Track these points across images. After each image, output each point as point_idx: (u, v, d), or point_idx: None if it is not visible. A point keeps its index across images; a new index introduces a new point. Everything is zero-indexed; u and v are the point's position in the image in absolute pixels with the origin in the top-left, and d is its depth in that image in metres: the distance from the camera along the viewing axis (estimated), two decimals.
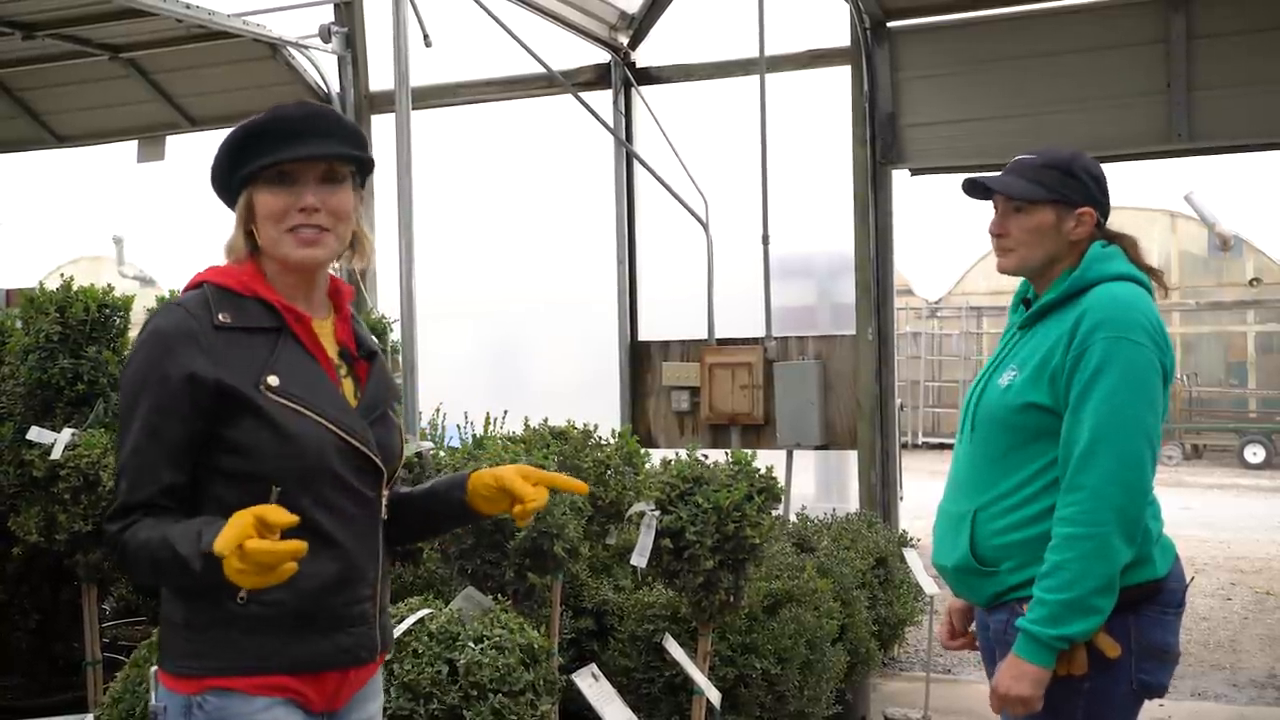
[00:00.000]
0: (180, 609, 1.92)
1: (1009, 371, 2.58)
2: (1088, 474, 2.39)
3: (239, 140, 1.99)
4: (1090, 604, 2.38)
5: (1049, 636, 2.39)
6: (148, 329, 1.94)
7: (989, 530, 2.54)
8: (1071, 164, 2.61)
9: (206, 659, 1.89)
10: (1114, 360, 2.41)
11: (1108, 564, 2.38)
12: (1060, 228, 2.59)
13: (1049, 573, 2.41)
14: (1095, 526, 2.37)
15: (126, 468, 1.90)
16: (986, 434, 2.59)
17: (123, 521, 1.87)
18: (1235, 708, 5.94)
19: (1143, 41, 6.34)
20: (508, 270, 8.21)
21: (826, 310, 7.47)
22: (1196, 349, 21.29)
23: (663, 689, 4.19)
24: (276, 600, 1.87)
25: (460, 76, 8.02)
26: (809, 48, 7.23)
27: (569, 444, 4.09)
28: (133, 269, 25.57)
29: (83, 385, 4.32)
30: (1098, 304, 2.47)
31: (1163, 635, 2.51)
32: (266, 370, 1.93)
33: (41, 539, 4.11)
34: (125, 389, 1.94)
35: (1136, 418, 2.41)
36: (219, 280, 1.99)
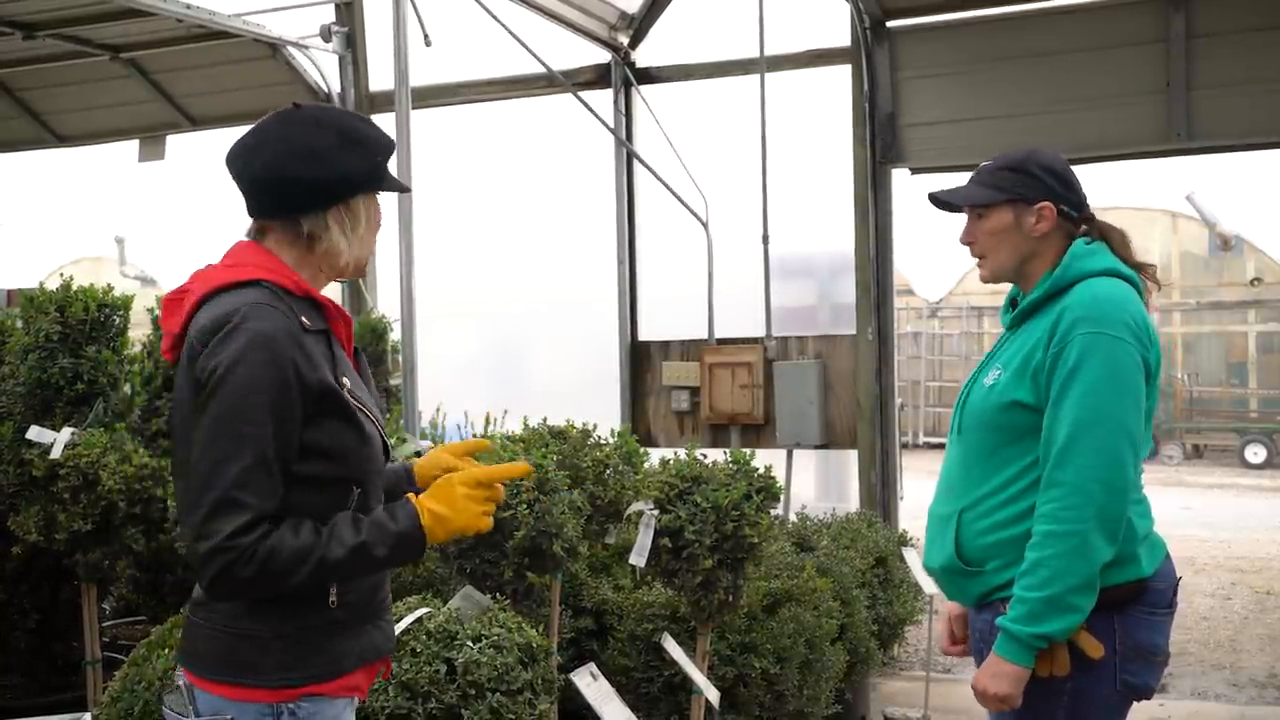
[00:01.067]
0: (268, 623, 1.90)
1: (994, 371, 2.58)
2: (1067, 470, 2.37)
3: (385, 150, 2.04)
4: (1069, 602, 2.36)
5: (1027, 635, 2.37)
6: (250, 331, 1.86)
7: (974, 530, 2.53)
8: (1025, 162, 2.61)
9: (304, 667, 1.92)
10: (1093, 355, 2.39)
11: (1087, 562, 2.35)
12: (1020, 226, 2.58)
13: (1028, 570, 2.39)
14: (1075, 524, 2.35)
15: (251, 479, 1.82)
16: (973, 434, 2.59)
17: (258, 532, 1.81)
18: (1235, 707, 5.94)
19: (1142, 41, 6.34)
20: (508, 270, 8.22)
21: (826, 310, 7.47)
22: (1197, 349, 21.28)
23: (662, 688, 4.19)
24: (352, 600, 1.96)
25: (460, 76, 8.02)
26: (809, 47, 7.23)
27: (568, 443, 4.10)
28: (134, 269, 25.58)
29: (82, 385, 4.33)
30: (1077, 300, 2.46)
31: (1149, 636, 2.48)
32: (339, 372, 1.95)
33: (41, 538, 4.12)
34: (237, 395, 1.84)
35: (1116, 413, 2.38)
36: (278, 280, 1.95)
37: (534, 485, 3.47)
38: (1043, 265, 2.59)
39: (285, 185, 1.96)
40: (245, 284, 1.93)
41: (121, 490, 4.04)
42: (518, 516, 3.39)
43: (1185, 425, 19.72)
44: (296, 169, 1.94)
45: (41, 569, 4.73)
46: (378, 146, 2.03)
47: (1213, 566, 9.93)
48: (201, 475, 1.83)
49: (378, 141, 2.03)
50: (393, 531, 1.88)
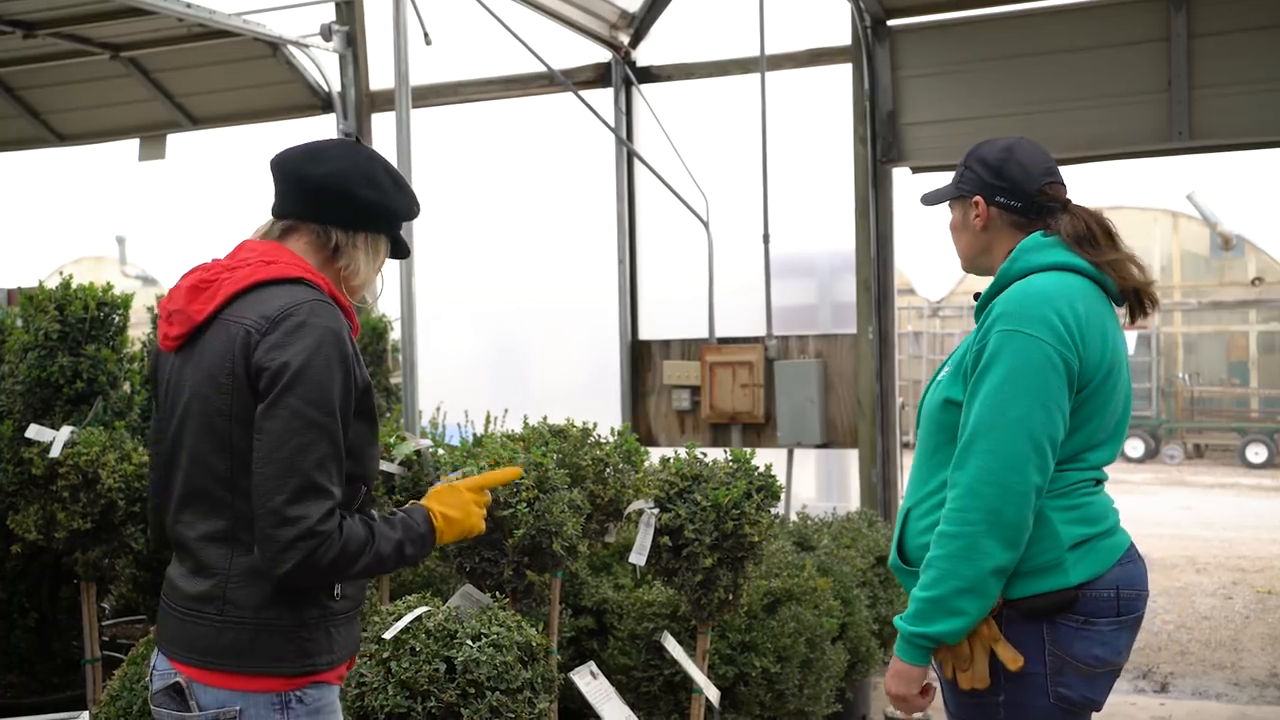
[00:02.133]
0: (290, 614, 1.97)
1: (945, 369, 2.56)
2: (963, 471, 2.31)
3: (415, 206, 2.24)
4: (954, 605, 2.29)
5: (911, 634, 2.34)
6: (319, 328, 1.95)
7: (915, 530, 2.50)
8: (969, 156, 2.62)
9: (316, 655, 2.01)
10: (1003, 354, 2.32)
11: (974, 566, 2.27)
12: (965, 221, 2.61)
13: (924, 568, 2.36)
14: (965, 525, 2.28)
15: (328, 467, 1.91)
16: (922, 434, 2.56)
17: (336, 519, 1.92)
18: (1236, 707, 5.93)
19: (1144, 40, 6.33)
20: (508, 269, 8.21)
21: (827, 309, 7.46)
22: (1198, 348, 21.30)
23: (662, 687, 4.18)
24: (351, 595, 2.09)
25: (461, 75, 8.02)
26: (809, 46, 7.22)
27: (568, 442, 4.09)
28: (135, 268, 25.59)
29: (82, 383, 4.32)
30: (1005, 296, 2.41)
31: (1085, 647, 2.35)
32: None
33: (40, 537, 4.11)
34: (315, 387, 1.91)
35: (1020, 415, 2.28)
36: (315, 281, 2.06)
37: (534, 484, 3.47)
38: (999, 258, 2.56)
39: (341, 197, 2.09)
40: (290, 281, 2.01)
41: (121, 489, 4.04)
42: (517, 515, 3.39)
43: (1186, 425, 19.73)
44: (355, 187, 2.09)
45: (41, 567, 4.73)
46: (412, 204, 2.22)
47: (1214, 566, 9.92)
48: (281, 464, 1.88)
49: (412, 200, 2.23)
50: (418, 532, 2.05)
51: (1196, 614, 8.05)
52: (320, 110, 8.37)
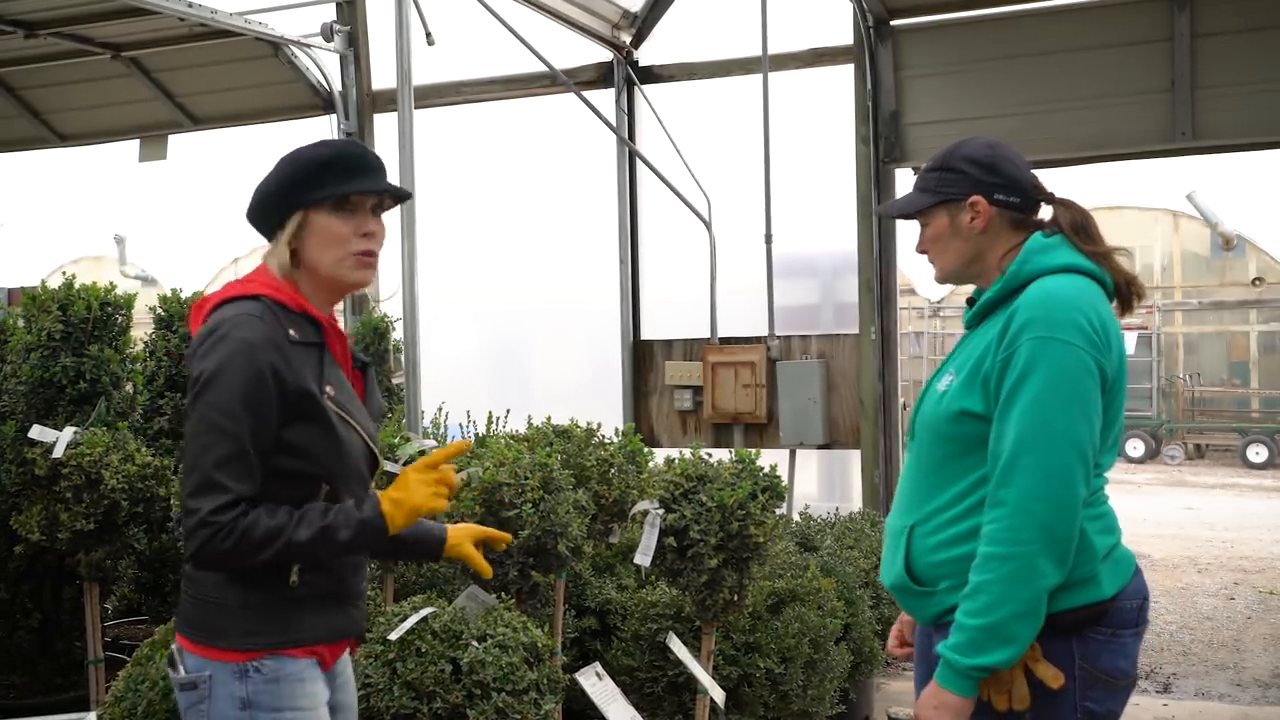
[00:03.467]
0: (236, 594, 2.16)
1: (947, 376, 2.42)
2: (1010, 488, 2.20)
3: (313, 167, 2.19)
4: (1011, 631, 2.19)
5: (966, 666, 2.21)
6: (235, 339, 2.10)
7: (924, 547, 2.38)
8: (948, 158, 2.47)
9: (265, 634, 2.16)
10: (1041, 363, 2.21)
11: (1030, 587, 2.18)
12: (956, 226, 2.44)
13: (969, 595, 2.22)
14: (1018, 545, 2.18)
15: (230, 464, 2.07)
16: (925, 444, 2.43)
17: (235, 511, 2.06)
18: (1239, 707, 5.92)
19: (1147, 40, 6.32)
20: (510, 269, 8.20)
21: (829, 309, 7.46)
22: (1199, 348, 21.29)
23: (666, 688, 4.18)
24: (317, 583, 2.19)
25: (462, 75, 8.01)
26: (812, 46, 7.22)
27: (572, 442, 4.09)
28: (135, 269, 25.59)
29: (85, 383, 4.32)
30: (1028, 301, 2.28)
31: (1112, 660, 2.29)
32: (324, 381, 2.19)
33: (43, 538, 4.11)
34: (219, 393, 2.08)
35: (1065, 427, 2.20)
36: (276, 296, 2.19)
37: (539, 484, 3.46)
38: (994, 261, 2.44)
39: (250, 216, 2.27)
40: (247, 297, 2.18)
41: (124, 490, 4.03)
42: (522, 515, 3.38)
43: (1187, 425, 19.72)
44: (251, 202, 2.24)
45: (44, 568, 4.72)
46: (287, 169, 2.20)
47: (1216, 566, 9.92)
48: (188, 461, 2.10)
49: (290, 164, 2.20)
50: (357, 518, 2.11)
51: (1199, 614, 8.05)
52: (321, 110, 8.36)
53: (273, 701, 2.15)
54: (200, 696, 2.16)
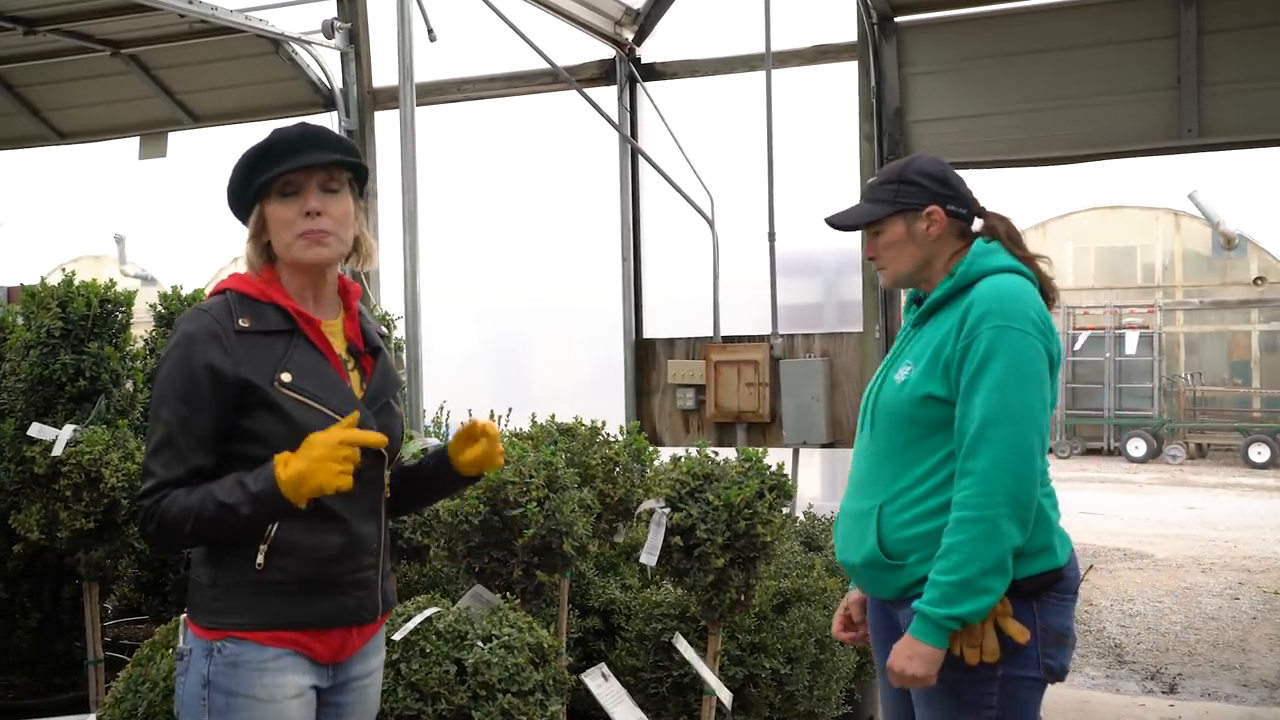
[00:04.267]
0: (207, 572, 2.22)
1: (904, 367, 2.65)
2: (978, 459, 2.46)
3: (250, 160, 2.25)
4: (981, 584, 2.43)
5: (940, 616, 2.44)
6: (178, 332, 2.20)
7: (894, 524, 2.59)
8: (904, 170, 2.73)
9: (227, 615, 2.19)
10: (1001, 349, 2.48)
11: (997, 546, 2.43)
12: (913, 233, 2.70)
13: (942, 555, 2.47)
14: (985, 509, 2.43)
15: (160, 452, 2.16)
16: (886, 430, 2.65)
17: (157, 495, 2.14)
18: (1246, 708, 5.89)
19: (1153, 36, 6.28)
20: (512, 267, 8.16)
21: (833, 307, 7.42)
22: (1200, 348, 21.26)
23: (671, 689, 4.14)
24: (287, 568, 2.19)
25: (464, 72, 7.97)
26: (815, 43, 7.18)
27: (576, 440, 4.06)
28: (134, 267, 25.54)
29: (84, 381, 4.28)
30: (983, 295, 2.54)
31: (1062, 620, 2.58)
32: (280, 368, 2.21)
33: (42, 537, 4.07)
34: (158, 385, 2.19)
35: (1025, 405, 2.47)
36: (240, 288, 2.27)
37: (544, 483, 3.43)
38: (941, 265, 2.70)
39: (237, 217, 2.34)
40: (217, 292, 2.28)
41: (124, 488, 3.99)
42: (527, 514, 3.35)
43: (1188, 425, 19.69)
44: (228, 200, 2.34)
45: (43, 567, 4.68)
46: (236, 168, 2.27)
47: (1219, 566, 9.88)
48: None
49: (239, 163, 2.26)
50: (251, 491, 2.10)
51: (1203, 614, 8.01)
52: (322, 108, 8.31)
53: (229, 685, 2.17)
54: (183, 669, 2.24)
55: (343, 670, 2.32)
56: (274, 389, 2.18)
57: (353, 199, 2.32)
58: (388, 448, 2.31)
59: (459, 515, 3.37)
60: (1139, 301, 20.52)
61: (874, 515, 2.62)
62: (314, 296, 2.32)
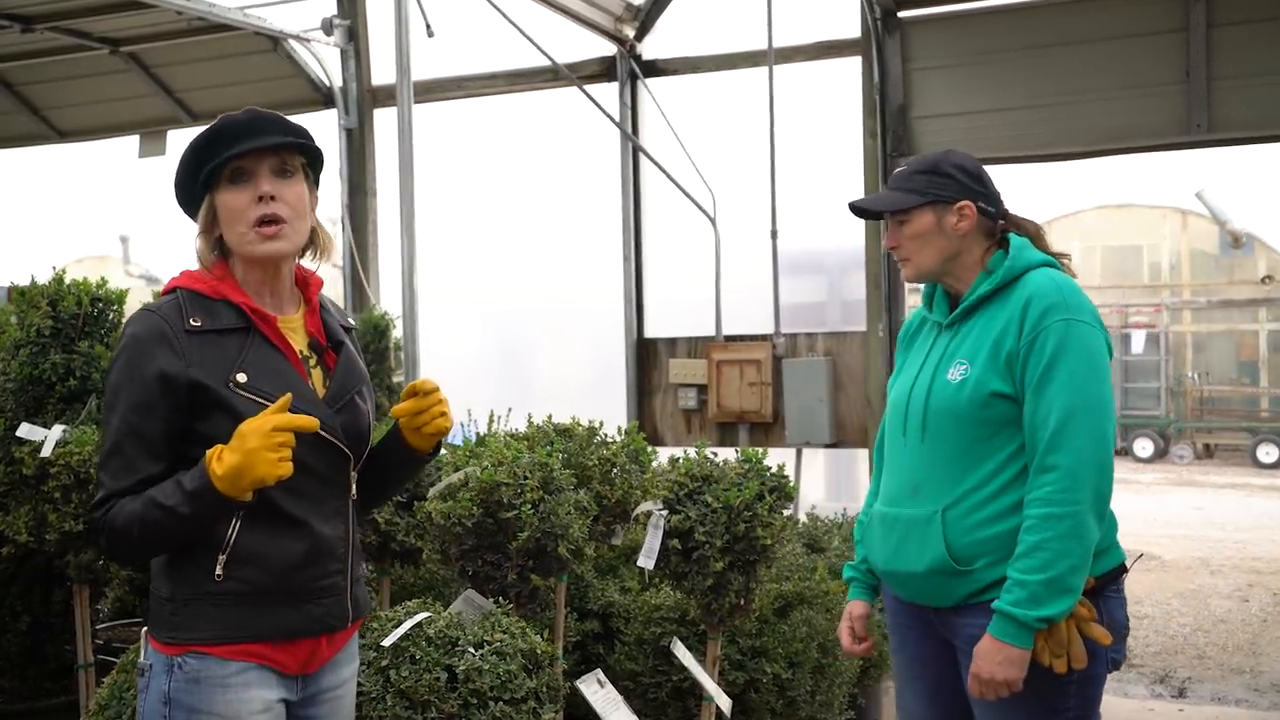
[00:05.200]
0: (165, 585, 2.13)
1: (957, 366, 2.58)
2: (1061, 454, 2.41)
3: (197, 148, 2.14)
4: (1068, 583, 2.39)
5: (1031, 618, 2.38)
6: (125, 335, 2.11)
7: (962, 528, 2.52)
8: (940, 163, 2.67)
9: (187, 629, 2.10)
10: (1071, 341, 2.45)
11: (1082, 543, 2.40)
12: (942, 227, 2.63)
13: (1026, 553, 2.40)
14: (1072, 505, 2.39)
15: (108, 463, 2.07)
16: (945, 431, 2.57)
17: (105, 507, 2.05)
18: (1257, 712, 5.81)
19: (1161, 30, 6.20)
20: (512, 266, 8.10)
21: (836, 306, 7.35)
22: (1208, 347, 21.16)
23: (670, 693, 4.07)
24: (248, 578, 2.09)
25: (464, 70, 7.91)
26: (818, 39, 7.11)
27: (574, 441, 3.98)
28: (139, 268, 25.52)
29: (74, 381, 4.20)
30: (1043, 289, 2.51)
31: (1123, 612, 2.59)
32: (235, 368, 2.10)
33: (31, 539, 4.00)
34: (107, 391, 2.11)
35: (1100, 397, 2.45)
36: (191, 286, 2.16)
37: (539, 484, 3.35)
38: (970, 261, 2.65)
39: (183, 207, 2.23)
40: (168, 293, 2.17)
41: None
42: (521, 517, 3.27)
43: (1195, 425, 19.59)
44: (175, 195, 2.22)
45: (33, 570, 4.61)
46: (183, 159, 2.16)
47: (1229, 568, 9.79)
48: None
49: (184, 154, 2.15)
50: (188, 490, 2.00)
51: (1213, 617, 7.93)
52: (322, 105, 8.26)
53: (190, 702, 2.09)
54: (144, 685, 2.16)
55: (313, 682, 2.22)
56: (229, 390, 2.07)
57: (308, 187, 2.21)
58: (354, 449, 2.22)
59: (452, 518, 3.30)
60: (1146, 300, 20.42)
61: (937, 521, 2.53)
62: (270, 291, 2.20)
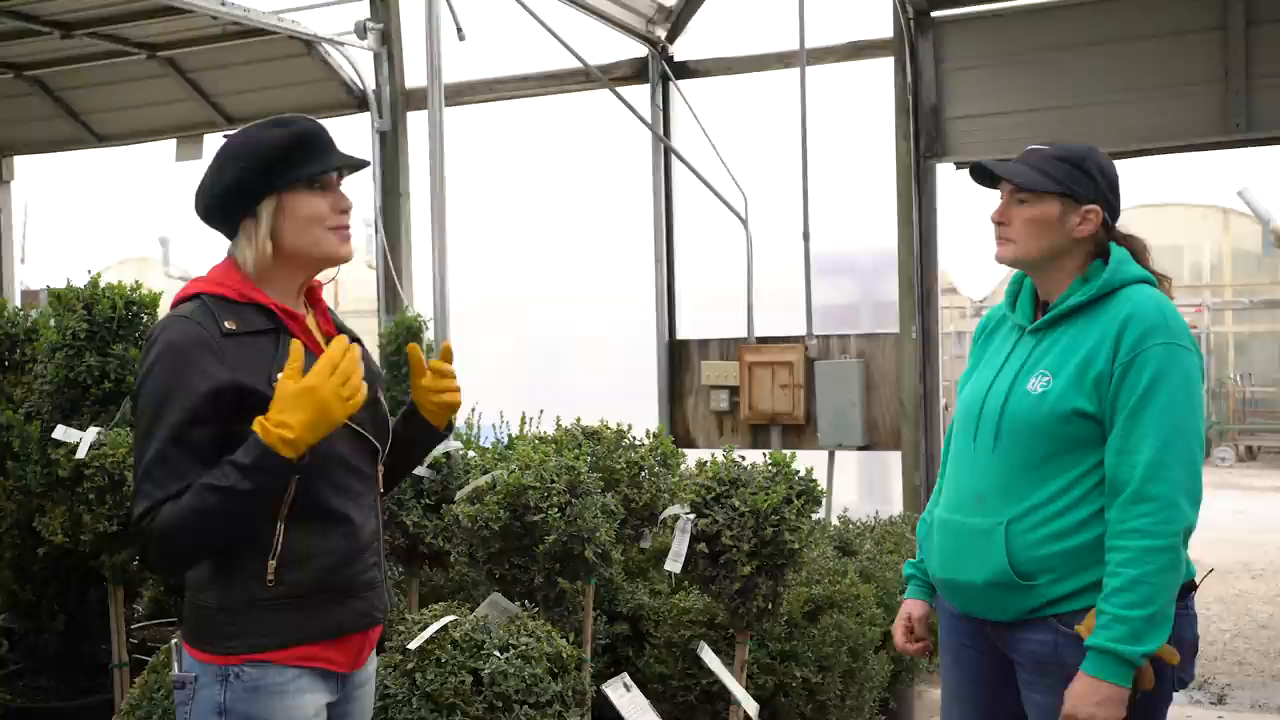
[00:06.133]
0: (214, 596, 2.10)
1: (1040, 377, 2.48)
2: (1159, 485, 2.34)
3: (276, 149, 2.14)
4: (1166, 615, 2.35)
5: (1136, 654, 2.32)
6: (160, 342, 2.08)
7: (1026, 542, 2.45)
8: (1085, 159, 2.53)
9: (243, 638, 2.09)
10: (1170, 369, 2.37)
11: (1177, 575, 2.36)
12: (1064, 222, 2.51)
13: (1127, 587, 2.32)
14: (1171, 538, 2.33)
15: (152, 472, 2.02)
16: (1019, 442, 2.48)
17: (151, 515, 2.01)
18: None
19: (1198, 28, 6.13)
20: (544, 268, 8.11)
21: (869, 308, 7.31)
22: (1250, 349, 20.89)
23: (699, 697, 4.06)
24: (298, 579, 2.11)
25: (497, 72, 7.94)
26: (851, 39, 7.08)
27: (601, 444, 3.99)
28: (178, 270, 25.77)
29: (109, 383, 4.25)
30: (1142, 309, 2.41)
31: (1192, 630, 2.51)
32: (274, 368, 2.09)
33: (66, 539, 4.05)
34: (145, 398, 2.06)
35: (1195, 428, 2.39)
36: (215, 290, 2.15)
37: (565, 488, 3.36)
38: (1070, 266, 2.54)
39: (208, 216, 2.24)
40: (188, 298, 2.16)
41: None
42: (548, 520, 3.27)
43: (1238, 427, 19.33)
44: (204, 200, 2.22)
45: (69, 570, 4.67)
46: (253, 156, 2.15)
47: (1270, 572, 9.64)
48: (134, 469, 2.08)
49: (256, 150, 2.15)
50: (243, 465, 1.99)
51: (1254, 623, 7.81)
52: (355, 109, 8.32)
53: (249, 710, 2.09)
54: (186, 697, 2.14)
55: (349, 679, 2.25)
56: (273, 390, 2.06)
57: None
58: (382, 439, 2.27)
59: (479, 521, 3.31)
60: (1187, 301, 20.16)
61: (1000, 532, 2.46)
62: (293, 297, 2.24)
